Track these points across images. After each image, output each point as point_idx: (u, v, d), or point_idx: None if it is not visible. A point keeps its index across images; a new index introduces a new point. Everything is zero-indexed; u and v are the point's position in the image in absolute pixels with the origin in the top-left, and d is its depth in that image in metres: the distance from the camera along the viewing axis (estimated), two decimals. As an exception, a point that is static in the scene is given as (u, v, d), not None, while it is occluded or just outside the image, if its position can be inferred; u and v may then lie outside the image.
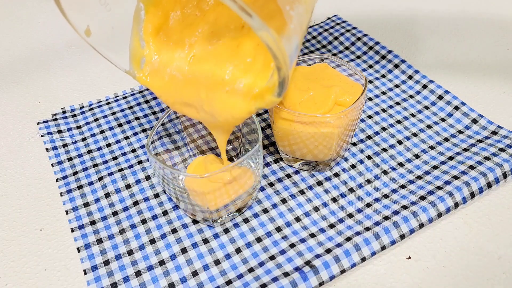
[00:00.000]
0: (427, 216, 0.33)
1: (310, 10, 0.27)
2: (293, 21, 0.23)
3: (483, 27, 0.54)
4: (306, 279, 0.29)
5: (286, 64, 0.22)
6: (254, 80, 0.28)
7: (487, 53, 0.50)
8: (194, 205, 0.32)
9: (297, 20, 0.24)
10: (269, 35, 0.20)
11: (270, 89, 0.26)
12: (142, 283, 0.31)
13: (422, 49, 0.51)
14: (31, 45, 0.57)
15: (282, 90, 0.25)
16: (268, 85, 0.27)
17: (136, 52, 0.30)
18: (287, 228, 0.34)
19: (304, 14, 0.25)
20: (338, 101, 0.34)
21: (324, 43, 0.53)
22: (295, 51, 0.24)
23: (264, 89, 0.27)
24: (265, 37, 0.20)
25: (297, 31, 0.24)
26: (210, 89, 0.29)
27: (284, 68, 0.22)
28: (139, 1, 0.30)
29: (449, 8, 0.58)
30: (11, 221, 0.36)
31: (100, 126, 0.44)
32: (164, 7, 0.30)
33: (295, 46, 0.24)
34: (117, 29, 0.30)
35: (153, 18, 0.30)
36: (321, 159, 0.37)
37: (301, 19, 0.25)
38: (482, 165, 0.35)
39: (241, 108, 0.28)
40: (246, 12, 0.19)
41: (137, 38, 0.30)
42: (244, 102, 0.28)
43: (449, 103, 0.42)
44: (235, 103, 0.28)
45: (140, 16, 0.30)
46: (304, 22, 0.25)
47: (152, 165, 0.33)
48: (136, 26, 0.30)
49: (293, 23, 0.23)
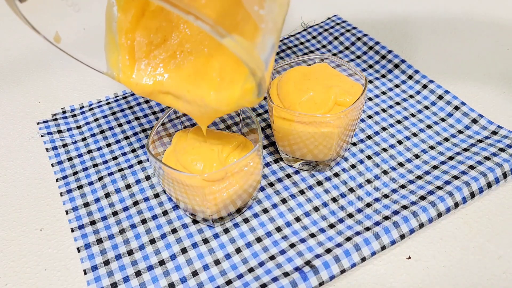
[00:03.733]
0: (427, 216, 0.33)
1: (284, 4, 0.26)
2: (264, 20, 0.22)
3: (483, 27, 0.54)
4: (306, 279, 0.29)
5: (259, 68, 0.22)
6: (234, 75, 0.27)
7: (487, 53, 0.50)
8: (194, 205, 0.32)
9: (270, 18, 0.23)
10: (234, 42, 0.19)
11: (249, 90, 0.25)
12: (142, 283, 0.31)
13: (422, 49, 0.51)
14: (31, 45, 0.57)
15: (260, 90, 0.24)
16: (246, 86, 0.26)
17: (112, 52, 0.29)
18: (287, 228, 0.34)
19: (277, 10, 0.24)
20: (338, 101, 0.34)
21: (324, 43, 0.53)
22: (270, 51, 0.24)
23: (245, 89, 0.26)
24: (231, 45, 0.19)
25: (271, 30, 0.23)
26: (194, 85, 0.29)
27: (258, 72, 0.22)
28: None
29: (449, 9, 0.58)
30: (11, 221, 0.36)
31: (100, 126, 0.44)
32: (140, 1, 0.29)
33: (270, 46, 0.23)
34: (89, 30, 0.28)
35: (129, 11, 0.28)
36: (321, 159, 0.37)
37: (274, 16, 0.24)
38: (482, 165, 0.35)
39: (225, 103, 0.28)
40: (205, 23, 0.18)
41: (111, 37, 0.29)
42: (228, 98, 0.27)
43: (449, 103, 0.42)
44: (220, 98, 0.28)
45: (113, 13, 0.29)
46: (278, 18, 0.25)
47: (152, 165, 0.33)
48: (109, 24, 0.29)
49: (264, 23, 0.23)
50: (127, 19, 0.29)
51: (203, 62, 0.29)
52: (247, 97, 0.26)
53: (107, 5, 0.29)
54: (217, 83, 0.28)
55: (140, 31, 0.29)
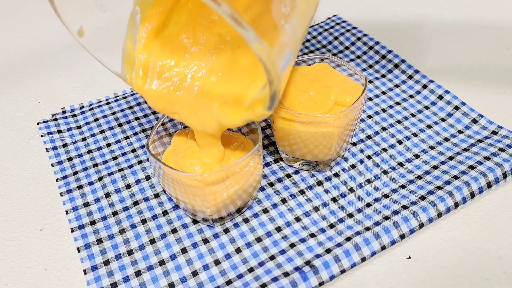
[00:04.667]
0: (427, 216, 0.33)
1: (306, 23, 0.26)
2: (287, 35, 0.23)
3: (483, 27, 0.54)
4: (306, 279, 0.29)
5: (278, 78, 0.22)
6: (245, 90, 0.28)
7: (487, 53, 0.50)
8: (194, 205, 0.32)
9: (292, 34, 0.24)
10: (262, 48, 0.20)
11: (262, 100, 0.26)
12: (142, 283, 0.31)
13: (422, 49, 0.51)
14: (31, 45, 0.57)
15: (273, 103, 0.24)
16: (260, 96, 0.26)
17: (129, 56, 0.30)
18: (287, 228, 0.34)
19: (299, 27, 0.25)
20: (338, 101, 0.34)
21: (324, 43, 0.53)
22: (287, 65, 0.24)
23: (255, 100, 0.27)
24: (258, 50, 0.20)
25: (291, 45, 0.24)
26: (202, 97, 0.29)
27: (276, 81, 0.22)
28: (136, 5, 0.30)
29: (449, 9, 0.58)
30: (11, 221, 0.36)
31: (100, 126, 0.44)
32: (163, 13, 0.30)
33: (288, 61, 0.24)
34: (111, 31, 0.29)
35: (150, 22, 0.30)
36: (321, 159, 0.37)
37: (296, 33, 0.24)
38: (482, 165, 0.35)
39: (230, 118, 0.28)
40: (240, 24, 0.19)
41: (131, 42, 0.30)
42: (235, 112, 0.28)
43: (449, 103, 0.42)
44: (226, 113, 0.28)
45: (135, 20, 0.30)
46: (299, 36, 0.25)
47: (152, 165, 0.33)
48: (131, 30, 0.30)
49: (287, 37, 0.23)
50: (147, 29, 0.30)
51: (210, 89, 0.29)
52: (257, 109, 0.26)
53: (131, 12, 0.30)
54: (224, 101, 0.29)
55: (156, 51, 0.30)
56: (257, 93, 0.27)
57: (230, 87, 0.29)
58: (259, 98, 0.26)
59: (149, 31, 0.30)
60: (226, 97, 0.29)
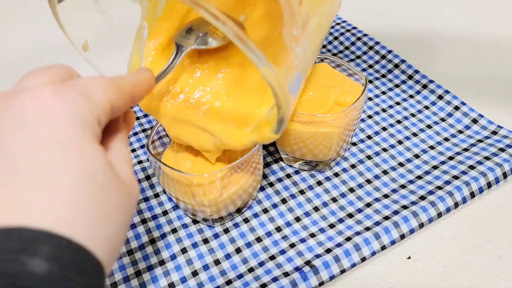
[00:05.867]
0: (427, 216, 0.33)
1: (317, 45, 0.26)
2: (297, 58, 0.23)
3: (483, 27, 0.54)
4: (306, 279, 0.29)
5: (286, 103, 0.22)
6: (253, 109, 0.27)
7: (487, 53, 0.50)
8: (194, 205, 0.32)
9: (303, 57, 0.23)
10: (271, 72, 0.20)
11: (269, 123, 0.25)
12: (142, 283, 0.31)
13: (422, 49, 0.51)
14: (31, 45, 0.57)
15: (280, 127, 0.24)
16: (267, 118, 0.26)
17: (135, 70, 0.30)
18: (287, 228, 0.34)
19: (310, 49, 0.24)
20: (338, 101, 0.34)
21: (324, 43, 0.53)
22: (297, 86, 0.24)
23: (263, 122, 0.26)
24: (267, 74, 0.20)
25: (301, 68, 0.24)
26: (207, 118, 0.29)
27: (284, 106, 0.22)
28: (143, 19, 0.30)
29: (449, 9, 0.58)
30: (11, 221, 0.36)
31: (100, 126, 0.44)
32: (170, 29, 0.29)
33: (298, 84, 0.24)
34: (116, 44, 0.29)
35: (158, 38, 0.30)
36: (321, 159, 0.37)
37: (307, 56, 0.24)
38: (482, 165, 0.35)
39: (236, 139, 0.28)
40: (247, 46, 0.18)
41: (137, 57, 0.30)
42: (241, 133, 0.27)
43: (449, 103, 0.42)
44: (231, 134, 0.28)
45: (142, 35, 0.30)
46: (310, 59, 0.25)
47: (152, 165, 0.33)
48: (138, 44, 0.30)
49: (297, 60, 0.23)
50: (154, 44, 0.30)
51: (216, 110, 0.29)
52: (264, 131, 0.26)
53: (138, 26, 0.30)
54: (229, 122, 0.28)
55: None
56: (264, 114, 0.27)
57: (236, 107, 0.28)
58: (266, 120, 0.26)
59: (156, 47, 0.30)
60: (231, 118, 0.28)
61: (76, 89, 0.18)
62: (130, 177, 0.20)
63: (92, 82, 0.19)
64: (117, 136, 0.21)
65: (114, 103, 0.19)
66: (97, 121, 0.18)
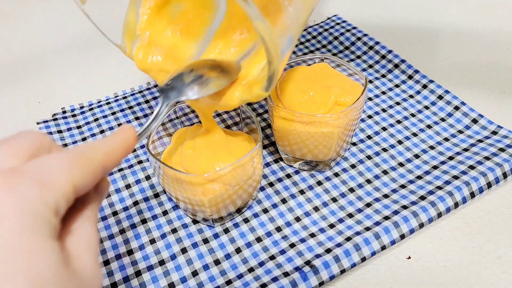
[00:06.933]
0: (427, 216, 0.33)
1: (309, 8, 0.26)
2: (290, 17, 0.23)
3: (483, 27, 0.54)
4: (306, 279, 0.29)
5: (277, 58, 0.22)
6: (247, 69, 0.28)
7: (487, 53, 0.50)
8: (194, 205, 0.32)
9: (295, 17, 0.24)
10: (265, 26, 0.20)
11: (259, 81, 0.26)
12: (142, 283, 0.31)
13: (422, 49, 0.51)
14: (31, 45, 0.57)
15: (270, 85, 0.25)
16: (258, 77, 0.26)
17: (130, 29, 0.30)
18: (287, 228, 0.34)
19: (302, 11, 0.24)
20: (338, 101, 0.34)
21: (324, 43, 0.53)
22: (288, 47, 0.24)
23: (253, 80, 0.27)
24: (260, 28, 0.20)
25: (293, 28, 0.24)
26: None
27: (276, 62, 0.22)
28: None
29: (448, 9, 0.58)
30: (11, 221, 0.36)
31: (100, 126, 0.44)
32: None
33: (289, 43, 0.24)
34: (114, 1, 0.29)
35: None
36: (321, 159, 0.37)
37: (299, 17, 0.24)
38: (482, 165, 0.35)
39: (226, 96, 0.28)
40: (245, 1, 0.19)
41: (133, 15, 0.30)
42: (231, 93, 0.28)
43: (449, 103, 0.42)
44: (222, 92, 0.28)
45: None
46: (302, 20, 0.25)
47: (152, 165, 0.33)
48: (134, 3, 0.30)
49: (289, 19, 0.23)
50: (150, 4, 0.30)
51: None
52: (254, 89, 0.26)
53: None
54: None
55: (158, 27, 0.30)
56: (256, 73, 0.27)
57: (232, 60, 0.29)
58: (257, 79, 0.26)
59: (152, 6, 0.30)
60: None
61: (31, 178, 0.16)
62: (91, 268, 0.17)
63: (54, 164, 0.17)
64: (83, 214, 0.19)
65: (79, 183, 0.17)
66: (55, 211, 0.16)
